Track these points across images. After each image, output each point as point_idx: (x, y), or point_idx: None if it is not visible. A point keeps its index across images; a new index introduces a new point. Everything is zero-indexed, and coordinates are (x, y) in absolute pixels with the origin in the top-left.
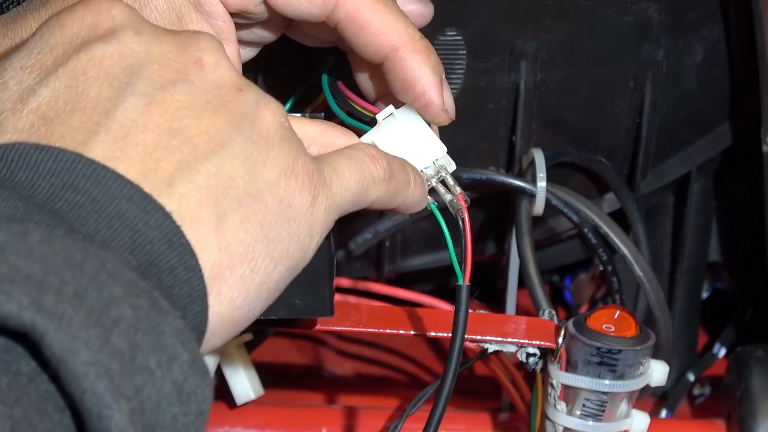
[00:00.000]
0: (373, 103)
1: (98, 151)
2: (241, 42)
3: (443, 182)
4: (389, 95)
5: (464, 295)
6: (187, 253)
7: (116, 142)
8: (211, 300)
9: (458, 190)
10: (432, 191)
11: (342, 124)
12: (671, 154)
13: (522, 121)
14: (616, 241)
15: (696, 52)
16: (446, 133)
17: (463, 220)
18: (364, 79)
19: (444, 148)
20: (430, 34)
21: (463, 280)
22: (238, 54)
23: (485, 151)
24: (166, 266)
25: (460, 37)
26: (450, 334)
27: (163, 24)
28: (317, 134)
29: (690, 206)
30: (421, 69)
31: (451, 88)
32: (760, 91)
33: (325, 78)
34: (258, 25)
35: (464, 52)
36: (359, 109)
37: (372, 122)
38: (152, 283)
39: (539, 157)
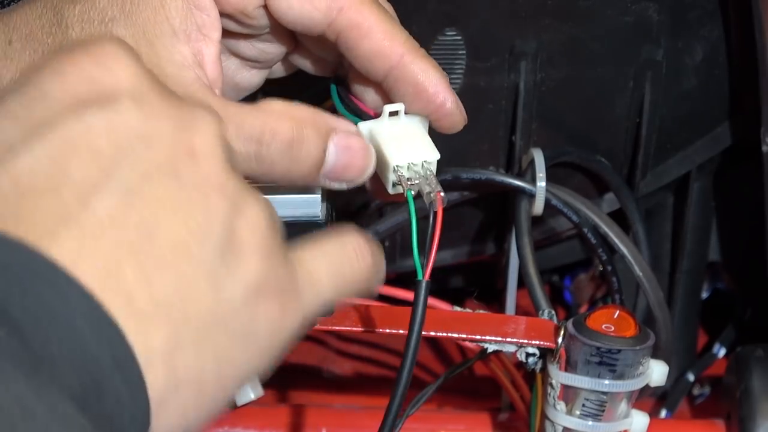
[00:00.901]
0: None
1: (65, 245)
2: (246, 60)
3: (428, 183)
4: None
5: (423, 291)
6: (135, 378)
7: (85, 237)
8: (153, 424)
9: (439, 188)
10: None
11: None
12: (671, 154)
13: (522, 121)
14: (616, 241)
15: (696, 52)
16: (446, 134)
17: (435, 214)
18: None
19: (438, 156)
20: (430, 34)
21: (423, 275)
22: (218, 55)
23: (485, 151)
24: (111, 390)
25: (459, 37)
26: (449, 334)
27: (146, 7)
28: (285, 108)
29: (690, 206)
30: (429, 71)
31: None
32: (760, 91)
33: (333, 87)
34: (262, 41)
35: (464, 52)
36: (367, 117)
37: None
38: (95, 409)
39: (539, 157)
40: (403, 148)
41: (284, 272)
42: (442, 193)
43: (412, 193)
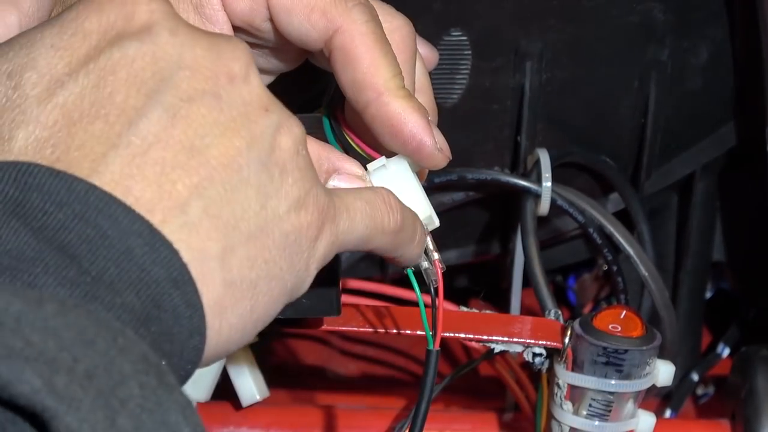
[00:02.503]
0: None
1: (115, 168)
2: (260, 70)
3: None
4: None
5: (433, 360)
6: (191, 292)
7: (135, 158)
8: (210, 334)
9: (436, 256)
10: None
11: None
12: (675, 154)
13: (527, 121)
14: (621, 240)
15: (701, 53)
16: (452, 134)
17: (436, 290)
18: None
19: (429, 210)
20: (435, 35)
21: (434, 345)
22: None
23: (490, 151)
24: (169, 306)
25: (465, 38)
26: (456, 334)
27: None
28: None
29: (694, 206)
30: (406, 112)
31: (456, 89)
32: (765, 92)
33: (325, 120)
34: (277, 57)
35: (469, 52)
36: (357, 149)
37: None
38: (155, 327)
39: (544, 157)
40: None
41: (323, 192)
42: (439, 262)
43: (412, 269)
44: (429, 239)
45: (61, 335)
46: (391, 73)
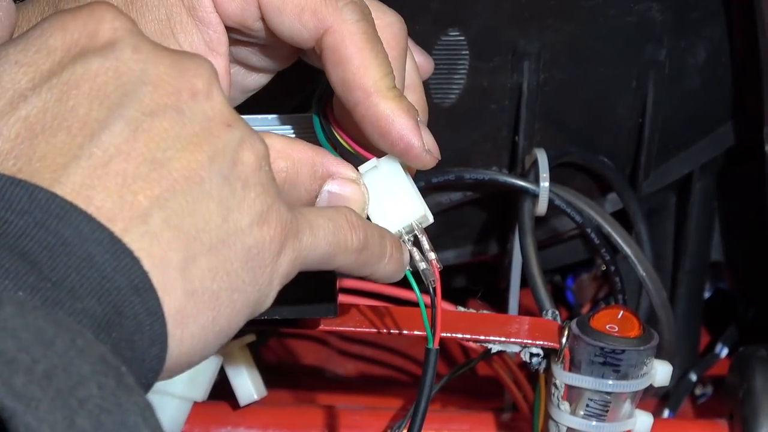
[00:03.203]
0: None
1: (77, 179)
2: (250, 68)
3: (417, 243)
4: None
5: (432, 358)
6: (152, 299)
7: (96, 169)
8: (172, 343)
9: (432, 255)
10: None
11: None
12: (673, 153)
13: (525, 121)
14: (619, 241)
15: (698, 52)
16: (450, 134)
17: (435, 290)
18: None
19: (423, 209)
20: (433, 35)
21: (433, 343)
22: (227, 68)
23: (488, 151)
24: (130, 313)
25: (462, 38)
26: (454, 334)
27: (152, 22)
28: (284, 147)
29: (692, 206)
30: (394, 113)
31: (454, 89)
32: (763, 91)
33: (316, 119)
34: (270, 55)
35: (467, 52)
36: (347, 147)
37: (358, 163)
38: (116, 333)
39: (542, 157)
40: (389, 211)
41: (285, 208)
42: (436, 261)
43: (410, 270)
44: (425, 239)
45: (19, 336)
46: (381, 73)
